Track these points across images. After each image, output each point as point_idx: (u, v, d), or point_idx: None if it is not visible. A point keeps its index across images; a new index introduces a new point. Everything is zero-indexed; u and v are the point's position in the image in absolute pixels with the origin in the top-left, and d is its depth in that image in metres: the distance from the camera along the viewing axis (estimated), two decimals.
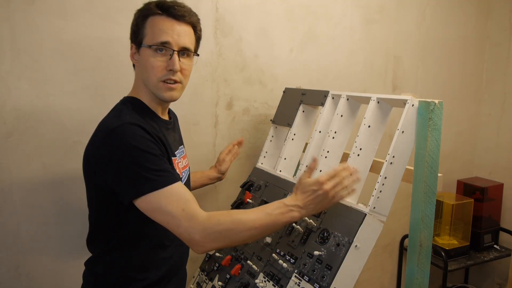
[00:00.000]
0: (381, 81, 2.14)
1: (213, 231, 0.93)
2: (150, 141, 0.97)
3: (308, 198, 1.01)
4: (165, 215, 0.93)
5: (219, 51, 1.68)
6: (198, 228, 0.92)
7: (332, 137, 1.29)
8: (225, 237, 0.95)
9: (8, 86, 1.32)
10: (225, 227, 0.94)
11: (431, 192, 1.09)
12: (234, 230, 0.95)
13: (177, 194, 0.95)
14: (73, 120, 1.42)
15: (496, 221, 2.38)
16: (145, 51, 1.04)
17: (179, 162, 1.14)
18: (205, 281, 1.45)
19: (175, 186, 0.95)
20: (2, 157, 1.34)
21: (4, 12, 1.29)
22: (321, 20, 1.90)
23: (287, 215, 0.99)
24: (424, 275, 1.12)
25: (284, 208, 1.00)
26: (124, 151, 0.94)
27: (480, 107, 2.56)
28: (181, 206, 0.93)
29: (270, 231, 1.01)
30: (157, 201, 0.93)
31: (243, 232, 0.96)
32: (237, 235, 0.96)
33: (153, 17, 1.04)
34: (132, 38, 1.09)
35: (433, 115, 1.06)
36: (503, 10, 2.42)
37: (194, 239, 0.93)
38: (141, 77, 1.09)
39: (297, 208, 1.00)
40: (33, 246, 1.43)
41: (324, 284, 1.07)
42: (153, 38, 1.03)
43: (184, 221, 0.92)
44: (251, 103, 1.79)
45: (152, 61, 1.03)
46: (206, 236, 0.93)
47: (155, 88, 1.07)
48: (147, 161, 0.94)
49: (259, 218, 0.97)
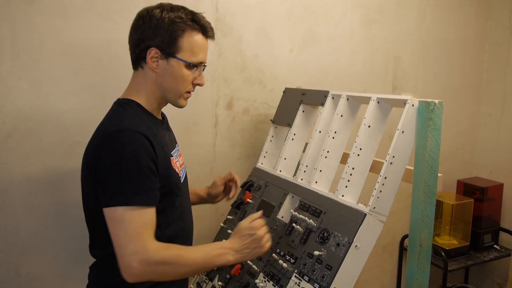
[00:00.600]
0: (381, 81, 2.14)
1: (154, 262, 0.93)
2: (144, 152, 0.96)
3: (244, 242, 1.07)
4: (121, 230, 0.93)
5: (219, 51, 1.68)
6: (141, 256, 0.92)
7: (332, 137, 1.29)
8: (163, 270, 0.95)
9: (8, 86, 1.32)
10: (167, 261, 0.95)
11: (431, 192, 1.09)
12: (173, 265, 0.96)
13: (143, 217, 0.95)
14: (73, 120, 1.43)
15: (496, 221, 2.38)
16: (178, 63, 1.06)
17: (176, 161, 1.14)
18: (205, 281, 1.45)
19: (147, 209, 0.95)
20: (2, 157, 1.34)
21: (4, 12, 1.29)
22: (321, 20, 1.90)
23: (222, 258, 1.04)
24: (424, 275, 1.12)
25: (221, 250, 1.04)
26: (116, 158, 0.95)
27: (480, 107, 2.56)
28: (140, 229, 0.93)
29: (203, 271, 1.05)
30: (122, 215, 0.93)
31: (180, 269, 0.98)
32: (174, 271, 0.98)
33: (192, 32, 1.06)
34: (159, 45, 1.04)
35: (433, 115, 1.06)
36: (503, 10, 2.42)
37: (132, 266, 0.92)
38: (159, 83, 1.08)
39: (233, 252, 1.05)
40: (33, 246, 1.43)
41: (324, 284, 1.07)
42: (193, 56, 1.07)
43: (134, 245, 0.92)
44: (251, 103, 1.79)
45: (185, 75, 1.07)
46: (146, 266, 0.93)
47: (178, 98, 1.11)
48: (132, 175, 0.94)
49: (198, 257, 1.00)
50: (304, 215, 1.23)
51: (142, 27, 1.05)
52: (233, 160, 1.78)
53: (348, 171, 1.19)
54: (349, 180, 1.19)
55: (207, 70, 1.66)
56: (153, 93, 1.10)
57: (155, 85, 1.09)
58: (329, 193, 1.24)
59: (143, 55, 1.06)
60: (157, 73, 1.07)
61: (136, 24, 1.07)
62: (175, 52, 1.05)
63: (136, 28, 1.06)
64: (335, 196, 1.20)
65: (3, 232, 1.37)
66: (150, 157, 0.97)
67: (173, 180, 1.08)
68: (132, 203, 0.93)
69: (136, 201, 0.94)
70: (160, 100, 1.12)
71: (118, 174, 0.94)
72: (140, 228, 0.93)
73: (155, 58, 1.05)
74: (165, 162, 1.05)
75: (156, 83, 1.08)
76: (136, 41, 1.06)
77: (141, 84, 1.10)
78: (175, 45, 1.04)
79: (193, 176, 1.69)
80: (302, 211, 1.26)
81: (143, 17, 1.05)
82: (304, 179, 1.36)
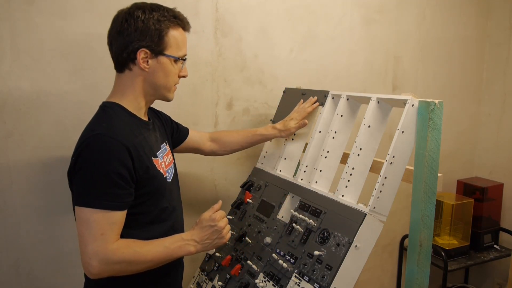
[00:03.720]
0: (381, 81, 2.14)
1: (113, 261, 0.98)
2: (117, 159, 0.99)
3: (205, 233, 1.10)
4: (85, 229, 0.97)
5: (219, 51, 1.68)
6: (101, 255, 0.97)
7: (332, 137, 1.29)
8: (122, 268, 1.00)
9: (8, 86, 1.32)
10: (125, 259, 0.99)
11: (431, 192, 1.09)
12: (132, 263, 1.01)
13: (108, 220, 0.98)
14: (73, 120, 1.42)
15: (496, 221, 2.38)
16: (166, 60, 1.09)
17: (162, 162, 1.15)
18: (205, 281, 1.45)
19: (112, 213, 0.99)
20: (2, 157, 1.34)
21: (4, 12, 1.29)
22: (321, 20, 1.90)
23: (183, 249, 1.07)
24: (424, 275, 1.12)
25: (181, 242, 1.07)
26: (87, 163, 0.99)
27: (480, 107, 2.56)
28: (104, 230, 0.97)
29: (165, 262, 1.07)
30: (87, 215, 0.97)
31: (140, 265, 1.02)
32: (133, 267, 1.02)
33: (175, 28, 1.09)
34: (149, 45, 1.06)
35: (433, 115, 1.06)
36: (503, 10, 2.42)
37: (91, 265, 0.96)
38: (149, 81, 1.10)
39: (193, 243, 1.08)
40: (33, 246, 1.43)
41: (324, 284, 1.07)
42: (179, 50, 1.11)
43: (96, 245, 0.96)
44: (251, 103, 1.79)
45: (173, 69, 1.12)
46: (105, 265, 0.97)
47: (168, 92, 1.14)
48: (101, 180, 0.98)
49: (157, 252, 1.04)
50: (304, 215, 1.23)
51: (128, 30, 1.05)
52: (233, 160, 1.78)
53: (348, 171, 1.19)
54: (349, 180, 1.19)
55: (207, 70, 1.67)
56: (142, 92, 1.11)
57: (146, 84, 1.11)
58: (329, 193, 1.24)
59: (132, 57, 1.07)
60: (148, 72, 1.09)
61: (120, 29, 1.06)
62: (164, 49, 1.08)
63: (120, 32, 1.06)
64: (335, 196, 1.20)
65: (3, 232, 1.37)
66: (122, 163, 0.99)
67: (156, 181, 1.09)
68: (98, 206, 0.97)
69: (101, 205, 0.98)
70: (148, 99, 1.14)
71: (87, 178, 0.99)
72: (103, 229, 0.97)
73: (145, 58, 1.07)
74: (145, 165, 1.06)
75: (146, 82, 1.10)
76: (123, 44, 1.06)
77: (128, 86, 1.11)
78: (163, 43, 1.08)
79: (193, 176, 1.69)
80: (302, 211, 1.26)
81: (127, 20, 1.05)
82: (304, 179, 1.36)
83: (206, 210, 1.14)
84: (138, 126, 1.11)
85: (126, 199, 1.02)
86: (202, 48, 1.63)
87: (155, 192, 1.10)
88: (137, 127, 1.10)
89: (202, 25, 1.62)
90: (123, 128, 1.04)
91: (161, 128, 1.29)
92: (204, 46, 1.63)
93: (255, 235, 1.38)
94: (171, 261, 1.08)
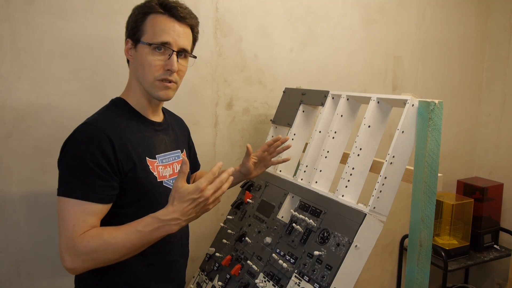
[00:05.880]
0: (381, 81, 2.14)
1: (81, 253, 0.91)
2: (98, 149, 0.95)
3: (188, 208, 0.93)
4: (61, 219, 0.94)
5: (219, 51, 1.68)
6: (69, 247, 0.91)
7: (332, 137, 1.29)
8: (94, 259, 0.92)
9: (8, 86, 1.32)
10: (93, 249, 0.91)
11: (431, 192, 1.09)
12: (102, 252, 0.92)
13: (83, 210, 0.93)
14: (73, 120, 1.41)
15: (496, 221, 2.38)
16: (143, 48, 1.03)
17: (159, 165, 1.09)
18: (205, 281, 1.45)
19: (88, 203, 0.94)
20: (2, 157, 1.34)
21: (4, 12, 1.29)
22: (321, 20, 1.90)
23: (162, 230, 0.93)
24: (424, 275, 1.11)
25: (159, 223, 0.92)
26: (69, 150, 0.97)
27: (480, 107, 2.56)
28: (76, 221, 0.92)
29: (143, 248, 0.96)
30: (64, 206, 0.94)
31: (113, 253, 0.93)
32: (106, 257, 0.93)
33: (155, 15, 1.03)
34: (129, 34, 1.06)
35: (433, 115, 1.06)
36: (503, 10, 2.42)
37: (63, 258, 0.92)
38: (135, 74, 1.08)
39: (175, 221, 0.93)
40: (33, 246, 1.42)
41: (324, 284, 1.07)
42: (154, 37, 1.02)
43: (66, 237, 0.92)
44: (251, 103, 1.79)
45: (151, 59, 1.02)
46: (75, 257, 0.91)
47: (151, 87, 1.05)
48: (78, 169, 0.94)
49: (129, 238, 0.93)
50: (304, 215, 1.23)
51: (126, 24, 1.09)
52: (233, 160, 1.78)
53: (348, 171, 1.19)
54: (349, 180, 1.19)
55: (207, 70, 1.67)
56: (137, 88, 1.09)
57: (135, 77, 1.08)
58: (329, 193, 1.24)
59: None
60: (133, 63, 1.07)
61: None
62: (140, 36, 1.03)
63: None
64: (335, 196, 1.20)
65: (3, 232, 1.37)
66: (102, 153, 0.95)
67: (145, 182, 1.03)
68: (73, 196, 0.93)
69: (76, 195, 0.93)
70: (147, 96, 1.09)
71: (65, 167, 0.96)
72: (76, 220, 0.92)
73: (130, 50, 1.07)
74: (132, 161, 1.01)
75: (135, 74, 1.08)
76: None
77: (129, 82, 1.11)
78: (139, 30, 1.03)
79: None
80: (302, 211, 1.26)
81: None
82: (304, 179, 1.36)
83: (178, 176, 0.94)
84: (140, 123, 1.08)
85: (106, 192, 0.96)
86: (202, 48, 1.63)
87: (144, 195, 1.03)
88: (137, 124, 1.07)
89: (202, 25, 1.61)
90: (115, 121, 1.01)
91: (179, 135, 1.25)
92: (204, 46, 1.63)
93: (255, 235, 1.38)
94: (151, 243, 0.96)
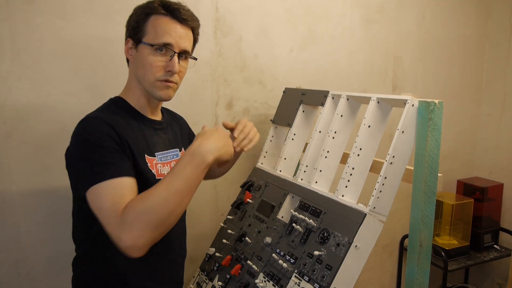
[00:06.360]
0: (381, 81, 2.14)
1: (132, 220, 0.84)
2: (105, 133, 0.94)
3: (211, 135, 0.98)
4: (99, 209, 0.88)
5: (219, 51, 1.68)
6: (118, 223, 0.84)
7: (332, 137, 1.29)
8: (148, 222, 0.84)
9: (8, 86, 1.32)
10: (141, 210, 0.85)
11: (431, 192, 1.09)
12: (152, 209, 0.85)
13: (116, 187, 0.89)
14: (73, 120, 1.40)
15: (496, 221, 2.38)
16: (144, 48, 1.04)
17: (159, 163, 1.09)
18: (205, 281, 1.45)
19: (118, 179, 0.90)
20: (2, 157, 1.34)
21: (4, 12, 1.29)
22: (321, 20, 1.90)
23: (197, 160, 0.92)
24: (424, 275, 1.12)
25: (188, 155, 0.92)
26: (78, 145, 0.96)
27: (480, 107, 2.56)
28: (114, 199, 0.87)
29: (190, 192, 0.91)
30: (96, 194, 0.89)
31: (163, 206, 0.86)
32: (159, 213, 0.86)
33: (157, 16, 1.04)
34: (130, 34, 1.07)
35: (433, 115, 1.06)
36: (503, 10, 2.43)
37: (120, 239, 0.84)
38: (135, 73, 1.09)
39: (204, 148, 0.93)
40: (33, 246, 1.42)
41: (324, 284, 1.07)
42: (156, 38, 1.03)
43: (111, 217, 0.86)
44: (251, 103, 1.79)
45: (152, 60, 1.03)
46: (129, 230, 0.83)
47: (152, 87, 1.06)
48: (95, 154, 0.92)
49: (171, 183, 0.88)
50: (304, 215, 1.23)
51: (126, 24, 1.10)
52: None
53: (348, 171, 1.19)
54: (349, 180, 1.19)
55: (207, 70, 1.67)
56: (137, 87, 1.10)
57: (135, 77, 1.09)
58: (329, 193, 1.24)
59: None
60: (133, 63, 1.08)
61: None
62: (141, 37, 1.04)
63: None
64: (335, 196, 1.20)
65: (3, 232, 1.37)
66: (113, 139, 0.95)
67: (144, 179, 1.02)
68: (101, 179, 0.89)
69: (104, 176, 0.89)
70: (147, 95, 1.10)
71: (83, 159, 0.93)
72: (114, 198, 0.88)
73: (131, 50, 1.07)
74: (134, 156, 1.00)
75: (135, 74, 1.09)
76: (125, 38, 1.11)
77: (129, 81, 1.12)
78: (141, 30, 1.04)
79: None
80: (302, 211, 1.26)
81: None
82: (304, 179, 1.36)
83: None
84: (139, 122, 1.09)
85: (127, 166, 0.94)
86: (202, 48, 1.63)
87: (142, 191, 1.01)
88: (136, 122, 1.08)
89: (202, 25, 1.60)
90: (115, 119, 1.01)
91: (178, 134, 1.26)
92: (204, 46, 1.63)
93: (255, 235, 1.38)
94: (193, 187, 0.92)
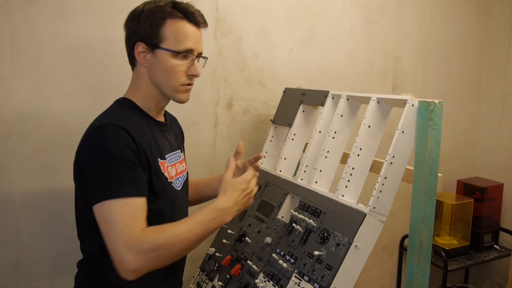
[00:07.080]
0: (381, 81, 2.14)
1: (147, 249, 0.88)
2: (126, 146, 0.94)
3: (239, 197, 1.06)
4: (109, 225, 0.89)
5: (219, 51, 1.68)
6: (132, 246, 0.87)
7: (332, 137, 1.29)
8: (158, 256, 0.90)
9: (8, 86, 1.32)
10: (159, 244, 0.90)
11: (431, 192, 1.09)
12: (168, 246, 0.91)
13: (130, 208, 0.90)
14: (73, 120, 1.42)
15: (496, 221, 2.38)
16: (164, 54, 1.03)
17: (169, 166, 1.11)
18: (205, 281, 1.45)
19: (134, 199, 0.92)
20: (2, 157, 1.34)
21: (4, 12, 1.29)
22: (321, 20, 1.90)
23: (219, 219, 1.01)
24: (424, 275, 1.11)
25: (217, 212, 1.01)
26: (97, 153, 0.93)
27: (480, 107, 2.56)
28: (127, 220, 0.89)
29: (202, 240, 0.99)
30: (109, 209, 0.89)
31: (177, 248, 0.93)
32: (170, 252, 0.92)
33: (174, 20, 1.02)
34: (143, 38, 1.03)
35: (433, 115, 1.06)
36: (503, 10, 2.42)
37: (126, 260, 0.86)
38: (151, 77, 1.07)
39: (229, 210, 1.04)
40: (33, 246, 1.43)
41: (324, 284, 1.07)
42: (178, 44, 1.02)
43: (123, 238, 0.87)
44: (251, 103, 1.79)
45: (174, 65, 1.03)
46: (140, 256, 0.87)
47: (175, 91, 1.07)
48: (115, 167, 0.92)
49: (193, 228, 0.96)
50: (304, 215, 1.23)
51: (129, 24, 1.06)
52: None
53: (348, 171, 1.19)
54: (349, 180, 1.19)
55: (207, 70, 1.67)
56: (148, 90, 1.08)
57: (149, 81, 1.07)
58: (329, 193, 1.24)
59: (133, 52, 1.06)
60: (148, 68, 1.06)
61: (125, 23, 1.07)
62: (159, 42, 1.02)
63: (125, 26, 1.07)
64: (335, 196, 1.20)
65: (3, 232, 1.37)
66: (132, 150, 0.95)
67: (157, 184, 1.03)
68: (118, 195, 0.90)
69: (122, 193, 0.90)
70: (158, 98, 1.10)
71: (101, 169, 0.92)
72: (128, 219, 0.89)
73: (142, 53, 1.05)
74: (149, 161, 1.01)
75: (149, 78, 1.07)
76: (126, 39, 1.07)
77: (137, 83, 1.10)
78: (158, 35, 1.02)
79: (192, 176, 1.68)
80: (302, 211, 1.26)
81: (130, 15, 1.06)
82: (304, 179, 1.36)
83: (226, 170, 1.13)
84: (149, 124, 1.08)
85: (144, 185, 0.96)
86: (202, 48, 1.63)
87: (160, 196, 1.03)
88: (147, 124, 1.07)
89: None
90: (129, 121, 1.01)
91: (178, 135, 1.27)
92: (204, 46, 1.63)
93: (255, 235, 1.38)
94: (206, 237, 0.99)
